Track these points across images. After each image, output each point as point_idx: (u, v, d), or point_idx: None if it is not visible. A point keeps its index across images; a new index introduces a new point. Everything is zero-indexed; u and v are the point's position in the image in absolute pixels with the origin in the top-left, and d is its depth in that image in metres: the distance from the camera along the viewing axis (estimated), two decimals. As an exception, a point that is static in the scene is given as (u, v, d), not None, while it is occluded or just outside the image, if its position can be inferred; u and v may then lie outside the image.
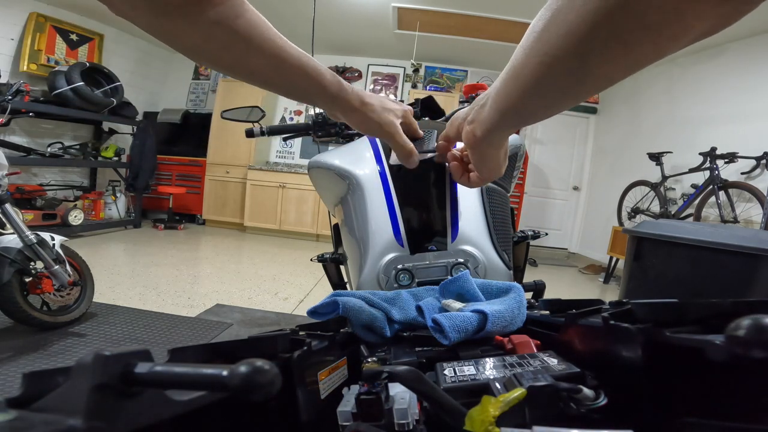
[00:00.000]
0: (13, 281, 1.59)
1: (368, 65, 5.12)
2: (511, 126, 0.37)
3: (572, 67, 0.25)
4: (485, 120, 0.37)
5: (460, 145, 0.48)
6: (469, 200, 0.69)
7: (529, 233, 0.96)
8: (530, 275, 0.84)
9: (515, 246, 0.90)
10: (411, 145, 0.51)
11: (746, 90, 3.07)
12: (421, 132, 0.57)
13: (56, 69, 3.57)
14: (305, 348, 0.31)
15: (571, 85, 0.27)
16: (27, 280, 1.67)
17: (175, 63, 5.27)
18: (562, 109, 0.31)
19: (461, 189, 0.71)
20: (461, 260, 0.61)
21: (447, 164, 0.52)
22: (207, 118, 4.90)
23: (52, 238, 1.74)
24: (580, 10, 0.23)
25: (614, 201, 4.06)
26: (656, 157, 3.58)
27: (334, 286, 1.16)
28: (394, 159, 0.55)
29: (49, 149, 3.70)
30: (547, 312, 0.43)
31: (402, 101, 1.17)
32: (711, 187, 3.00)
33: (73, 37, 3.90)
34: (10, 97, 2.32)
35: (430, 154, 0.55)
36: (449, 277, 0.52)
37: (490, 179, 0.46)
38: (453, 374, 0.32)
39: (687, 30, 0.21)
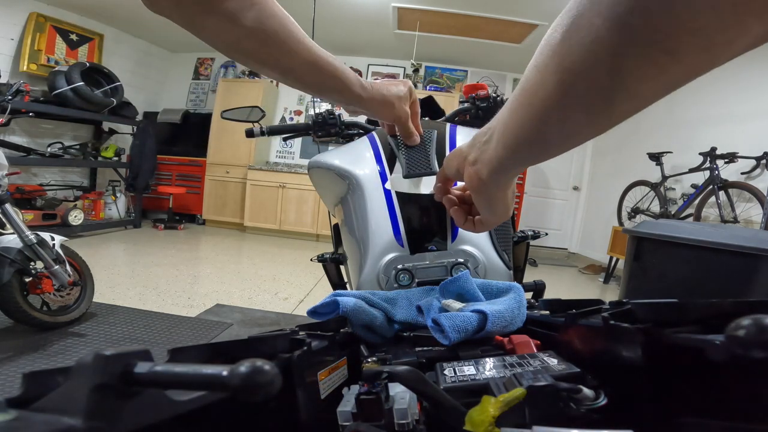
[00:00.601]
0: (13, 281, 1.59)
1: (368, 65, 5.12)
2: (523, 163, 0.31)
3: (601, 86, 0.21)
4: (492, 159, 0.32)
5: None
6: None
7: (529, 233, 0.96)
8: (530, 275, 0.84)
9: (515, 246, 0.90)
10: (415, 132, 0.64)
11: (746, 90, 3.07)
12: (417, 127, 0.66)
13: (56, 69, 3.57)
14: (305, 348, 0.31)
15: (599, 107, 0.22)
16: (27, 280, 1.67)
17: (175, 63, 5.27)
18: (583, 139, 0.25)
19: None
20: (461, 260, 0.61)
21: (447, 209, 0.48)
22: (207, 118, 4.90)
23: (52, 238, 1.74)
24: (608, 13, 0.18)
25: (614, 201, 4.06)
26: (656, 157, 3.57)
27: (334, 286, 1.16)
28: (396, 184, 0.59)
29: (49, 149, 3.70)
30: (547, 312, 0.43)
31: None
32: (711, 187, 3.00)
33: (73, 37, 3.90)
34: (10, 97, 2.32)
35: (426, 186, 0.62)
36: (449, 277, 0.52)
37: (499, 223, 0.41)
38: (453, 374, 0.32)
39: (744, 32, 0.17)
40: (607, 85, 0.21)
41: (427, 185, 0.68)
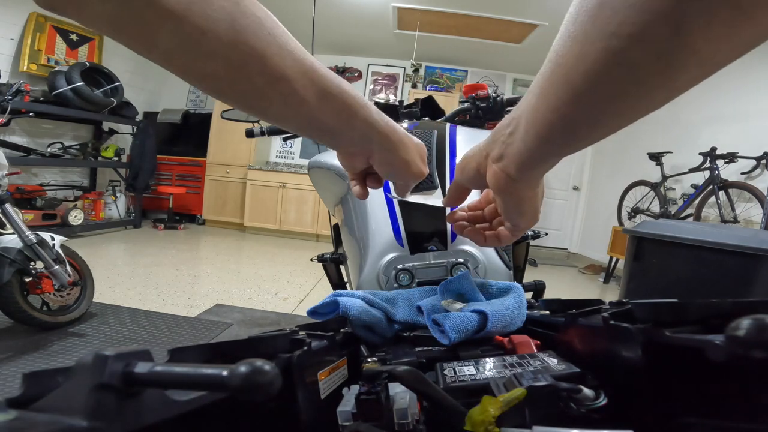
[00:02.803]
0: (13, 281, 1.59)
1: (368, 65, 5.12)
2: (558, 154, 0.27)
3: (661, 50, 0.17)
4: (521, 152, 0.28)
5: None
6: (468, 200, 0.69)
7: (529, 233, 0.96)
8: (530, 275, 0.84)
9: (515, 246, 0.90)
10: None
11: (746, 90, 3.07)
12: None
13: (56, 69, 3.57)
14: (305, 348, 0.31)
15: (659, 77, 0.18)
16: (27, 280, 1.67)
17: (175, 63, 5.27)
18: (635, 118, 0.22)
19: None
20: (461, 260, 0.61)
21: (455, 229, 0.43)
22: (207, 118, 4.90)
23: (52, 238, 1.74)
24: None
25: (614, 201, 4.06)
26: (656, 157, 3.58)
27: (334, 286, 1.16)
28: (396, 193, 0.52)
29: (49, 149, 3.70)
30: (547, 312, 0.43)
31: (402, 102, 1.17)
32: (711, 187, 3.00)
33: (73, 37, 3.89)
34: (10, 97, 2.32)
35: (431, 197, 0.49)
36: (449, 277, 0.52)
37: (528, 229, 0.36)
38: (453, 374, 0.32)
39: None
40: (669, 48, 0.17)
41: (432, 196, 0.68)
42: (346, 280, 1.06)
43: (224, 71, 0.27)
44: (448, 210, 0.62)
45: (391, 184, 0.49)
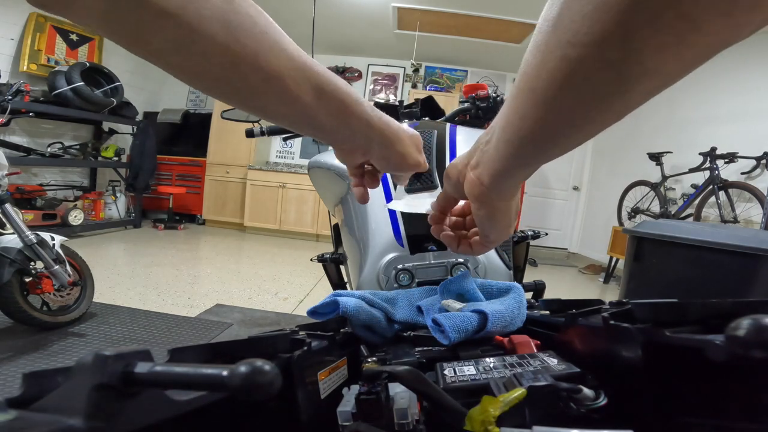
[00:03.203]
0: (13, 281, 1.59)
1: (368, 65, 5.12)
2: (528, 163, 0.27)
3: (612, 59, 0.18)
4: (494, 160, 0.28)
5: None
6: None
7: (529, 233, 0.96)
8: (530, 275, 0.84)
9: (515, 246, 0.90)
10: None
11: (746, 90, 3.07)
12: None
13: (56, 69, 3.57)
14: (305, 348, 0.31)
15: (613, 87, 0.19)
16: (27, 280, 1.67)
17: (175, 63, 5.26)
18: (597, 128, 0.22)
19: None
20: (461, 260, 0.61)
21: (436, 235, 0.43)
22: (207, 118, 4.90)
23: (52, 238, 1.74)
24: None
25: (614, 201, 4.06)
26: (656, 157, 3.58)
27: (334, 286, 1.16)
28: (397, 203, 0.52)
29: (49, 149, 3.70)
30: (547, 312, 0.43)
31: (402, 102, 1.17)
32: (711, 187, 3.00)
33: (73, 37, 3.89)
34: (10, 97, 2.32)
35: (426, 196, 0.50)
36: (449, 277, 0.52)
37: (499, 242, 0.36)
38: (453, 374, 0.32)
39: None
40: (619, 58, 0.17)
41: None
42: (346, 280, 1.06)
43: (219, 70, 0.27)
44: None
45: (391, 186, 0.49)
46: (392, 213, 0.68)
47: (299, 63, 0.31)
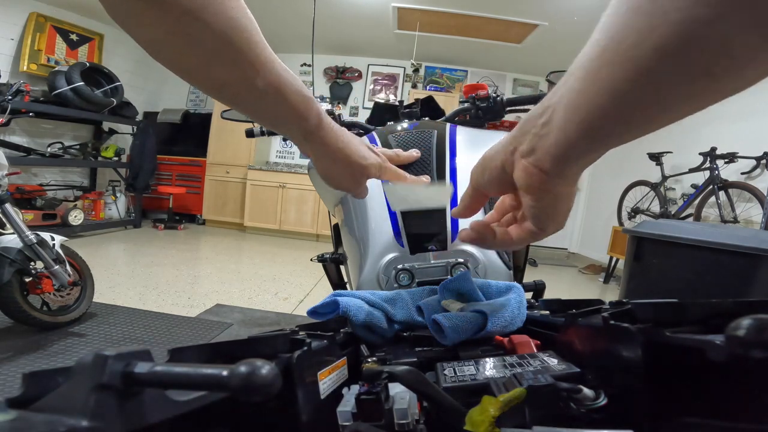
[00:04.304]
0: (13, 281, 1.59)
1: (368, 65, 5.12)
2: (605, 143, 0.23)
3: (756, 19, 0.15)
4: (558, 143, 0.24)
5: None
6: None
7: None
8: (530, 275, 0.84)
9: (515, 246, 0.90)
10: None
11: (746, 90, 3.06)
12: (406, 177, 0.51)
13: (56, 69, 3.57)
14: (305, 348, 0.31)
15: (761, 48, 0.16)
16: (27, 280, 1.67)
17: (175, 63, 5.26)
18: (709, 101, 0.19)
19: (461, 188, 0.71)
20: (461, 260, 0.61)
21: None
22: (207, 118, 4.90)
23: (52, 238, 1.74)
24: None
25: (614, 201, 4.06)
26: (656, 157, 3.58)
27: (334, 286, 1.16)
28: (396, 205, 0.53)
29: (49, 149, 3.70)
30: (547, 312, 0.43)
31: (402, 101, 1.17)
32: (711, 187, 3.00)
33: (73, 37, 3.89)
34: (10, 97, 2.32)
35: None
36: (449, 277, 0.52)
37: (554, 232, 0.31)
38: (453, 374, 0.32)
39: None
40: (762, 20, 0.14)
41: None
42: (346, 280, 1.06)
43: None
44: (448, 212, 0.62)
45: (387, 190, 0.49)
46: (392, 213, 0.68)
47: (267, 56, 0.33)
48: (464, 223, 0.67)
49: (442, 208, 0.51)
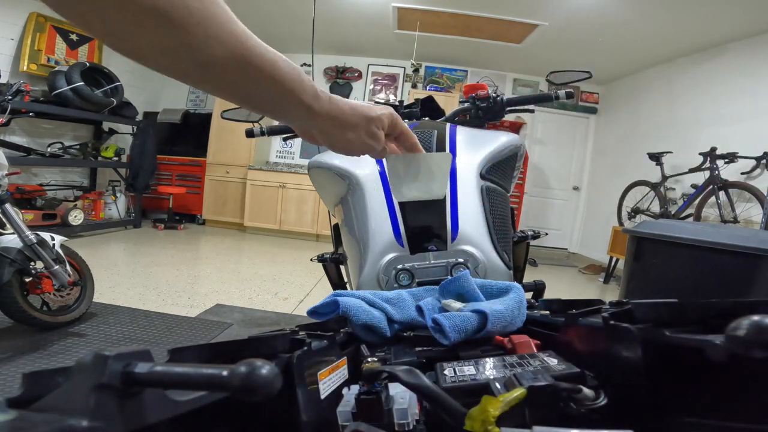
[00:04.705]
0: (13, 281, 1.59)
1: (368, 65, 5.12)
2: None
3: None
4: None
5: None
6: (468, 200, 0.69)
7: (529, 233, 0.96)
8: (530, 275, 0.84)
9: (515, 246, 0.90)
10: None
11: (746, 90, 3.07)
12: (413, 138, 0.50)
13: (56, 69, 3.57)
14: (305, 348, 0.31)
15: None
16: (27, 280, 1.67)
17: (175, 63, 5.26)
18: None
19: (461, 189, 0.71)
20: (461, 260, 0.61)
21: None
22: (207, 118, 4.90)
23: (52, 238, 1.74)
24: None
25: (614, 201, 4.06)
26: (656, 157, 3.58)
27: (334, 286, 1.16)
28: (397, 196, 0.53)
29: (49, 149, 3.70)
30: (547, 312, 0.43)
31: (402, 101, 1.17)
32: (711, 187, 3.00)
33: (73, 37, 3.89)
34: (10, 97, 2.32)
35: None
36: (449, 277, 0.52)
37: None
38: (453, 374, 0.32)
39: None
40: None
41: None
42: (346, 280, 1.06)
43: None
44: (448, 210, 0.61)
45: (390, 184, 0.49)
46: (392, 213, 0.68)
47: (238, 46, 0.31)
48: (464, 222, 0.67)
49: (441, 198, 0.50)
